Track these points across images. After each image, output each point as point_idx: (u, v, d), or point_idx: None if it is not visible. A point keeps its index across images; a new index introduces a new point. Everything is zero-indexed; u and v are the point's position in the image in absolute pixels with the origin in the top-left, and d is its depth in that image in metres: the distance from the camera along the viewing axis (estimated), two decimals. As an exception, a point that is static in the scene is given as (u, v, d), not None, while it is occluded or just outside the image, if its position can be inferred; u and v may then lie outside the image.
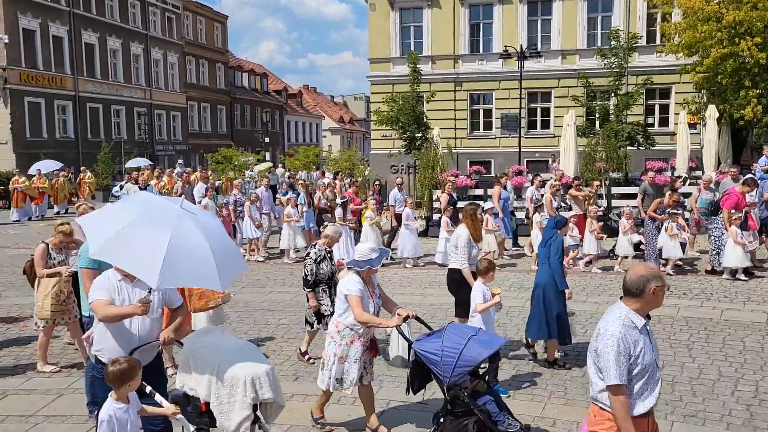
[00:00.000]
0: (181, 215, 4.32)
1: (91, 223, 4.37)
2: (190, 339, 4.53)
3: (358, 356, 5.38)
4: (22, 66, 33.82)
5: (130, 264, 4.11)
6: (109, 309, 4.28)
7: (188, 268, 4.14)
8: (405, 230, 13.69)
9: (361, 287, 5.33)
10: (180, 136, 48.74)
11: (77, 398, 6.35)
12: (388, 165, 27.61)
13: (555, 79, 28.96)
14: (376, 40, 30.53)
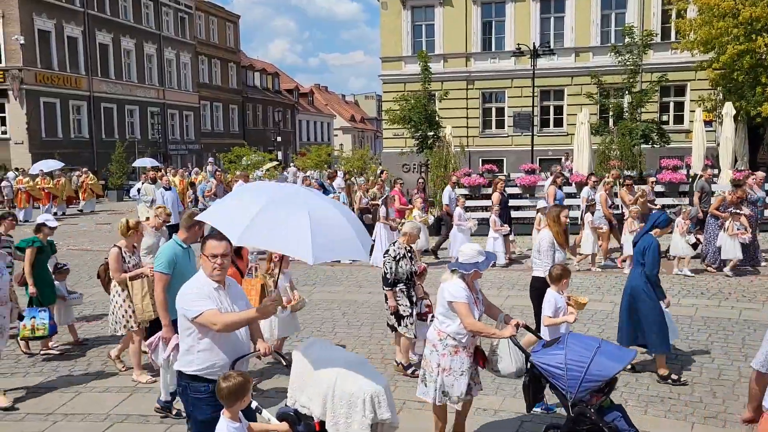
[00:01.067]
0: (306, 192, 4.25)
1: (217, 218, 4.13)
2: (299, 352, 4.20)
3: (464, 368, 4.96)
4: (37, 66, 34.13)
5: (282, 244, 3.93)
6: (228, 317, 3.88)
7: (335, 240, 4.00)
8: (456, 230, 13.20)
9: (467, 293, 4.90)
10: (193, 136, 48.99)
11: (94, 396, 6.40)
12: (399, 164, 27.59)
13: (568, 77, 28.78)
14: (387, 39, 30.50)
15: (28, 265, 7.57)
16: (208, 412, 3.83)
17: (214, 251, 3.93)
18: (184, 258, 5.67)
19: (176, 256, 5.61)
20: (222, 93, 53.33)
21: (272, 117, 59.51)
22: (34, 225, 8.17)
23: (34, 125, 33.84)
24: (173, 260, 5.56)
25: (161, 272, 5.51)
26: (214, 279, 3.96)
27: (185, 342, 3.94)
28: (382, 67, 30.93)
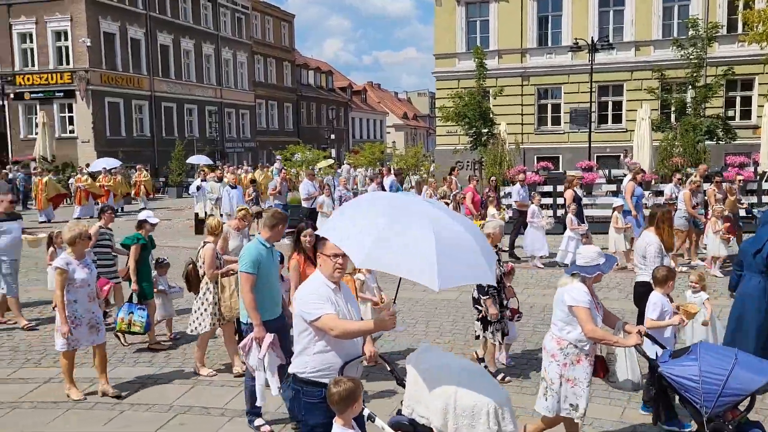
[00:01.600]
0: (428, 207, 3.96)
1: (338, 235, 3.83)
2: (414, 360, 3.97)
3: (589, 377, 4.70)
4: (102, 68, 35.43)
5: (406, 270, 3.59)
6: (347, 325, 3.79)
7: (461, 263, 3.72)
8: (531, 228, 12.78)
9: (589, 298, 4.62)
10: (248, 134, 49.96)
11: (159, 388, 6.61)
12: (452, 161, 27.40)
13: (627, 72, 28.03)
14: (441, 36, 30.34)
15: (132, 261, 7.76)
16: (320, 418, 3.78)
17: (336, 250, 3.81)
18: (268, 257, 5.59)
19: (260, 256, 5.51)
20: (277, 91, 54.18)
21: (326, 115, 60.12)
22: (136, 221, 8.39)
23: (99, 124, 35.16)
24: (258, 260, 5.47)
25: (247, 272, 5.43)
26: (333, 279, 3.89)
27: (300, 343, 3.89)
28: (436, 64, 30.79)
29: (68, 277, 6.10)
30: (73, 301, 6.15)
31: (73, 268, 6.15)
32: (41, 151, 27.79)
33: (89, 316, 6.27)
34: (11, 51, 35.45)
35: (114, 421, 5.84)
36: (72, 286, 6.14)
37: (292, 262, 6.25)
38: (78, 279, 6.15)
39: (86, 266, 6.31)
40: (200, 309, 6.81)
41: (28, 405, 6.23)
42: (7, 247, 8.82)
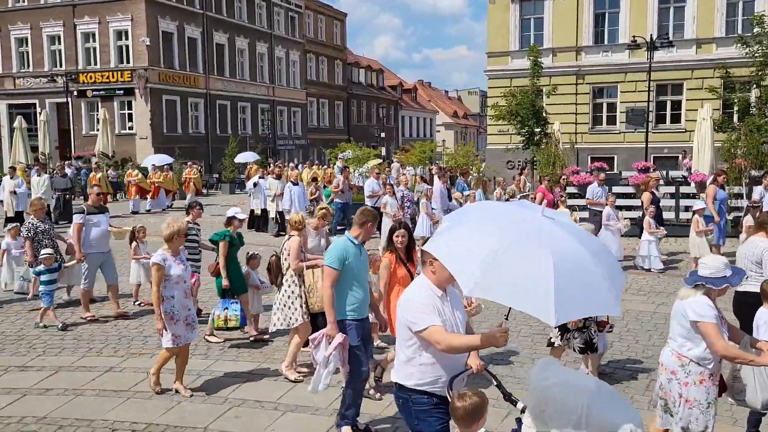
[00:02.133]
0: (548, 226, 3.47)
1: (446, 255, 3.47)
2: (535, 375, 3.66)
3: (711, 398, 4.34)
4: (161, 66, 36.42)
5: (521, 299, 3.25)
6: (455, 339, 3.58)
7: (583, 293, 3.29)
8: (606, 231, 12.13)
9: (715, 312, 4.24)
10: (300, 131, 50.56)
11: (214, 381, 6.75)
12: (504, 160, 27.11)
13: (688, 70, 27.18)
14: (494, 34, 30.04)
15: (222, 258, 7.81)
16: (436, 425, 3.65)
17: None
18: (356, 255, 5.41)
19: (347, 253, 5.34)
20: (328, 89, 54.65)
21: (376, 113, 60.32)
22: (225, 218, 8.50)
23: (156, 121, 36.16)
24: (344, 257, 5.31)
25: (331, 267, 5.30)
26: (441, 287, 3.69)
27: (405, 353, 3.70)
28: (488, 63, 30.50)
29: (165, 273, 6.13)
30: (170, 297, 6.18)
31: (169, 264, 6.18)
32: (102, 147, 28.75)
33: (185, 312, 6.28)
34: (75, 50, 36.80)
35: (171, 411, 5.99)
36: (168, 282, 6.16)
37: (384, 261, 6.21)
38: (174, 275, 6.18)
39: (181, 262, 6.35)
40: (288, 302, 6.74)
41: (91, 392, 6.45)
42: (97, 240, 8.99)
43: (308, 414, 5.92)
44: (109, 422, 5.78)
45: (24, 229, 9.64)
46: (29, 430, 5.65)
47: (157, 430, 5.63)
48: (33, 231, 9.46)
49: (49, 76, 35.42)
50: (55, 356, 7.58)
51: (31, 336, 8.38)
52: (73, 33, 36.78)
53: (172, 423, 5.74)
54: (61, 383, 6.69)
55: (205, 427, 5.65)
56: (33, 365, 7.27)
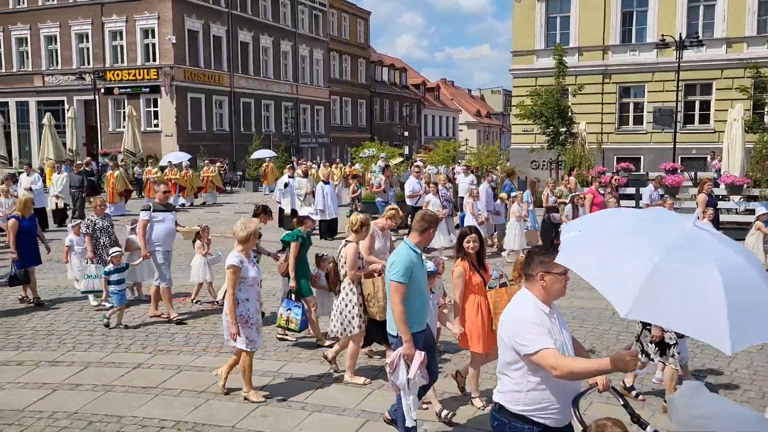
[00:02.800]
0: (706, 238, 3.06)
1: (588, 269, 3.06)
2: (680, 402, 3.21)
3: None
4: (186, 64, 36.73)
5: (687, 326, 2.90)
6: (575, 364, 3.17)
7: (756, 315, 2.86)
8: None
9: None
10: (323, 129, 50.69)
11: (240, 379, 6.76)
12: (528, 160, 26.90)
13: (717, 70, 26.70)
14: (520, 32, 29.79)
15: (292, 258, 7.62)
16: None
17: (563, 267, 3.25)
18: (418, 264, 5.12)
19: (412, 263, 4.99)
20: (351, 88, 54.70)
21: (399, 111, 60.27)
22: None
23: (181, 119, 36.48)
24: (410, 267, 4.96)
25: (398, 282, 4.91)
26: (548, 302, 3.36)
27: (510, 376, 3.37)
28: (513, 62, 30.27)
29: (241, 276, 5.97)
30: (245, 300, 6.03)
31: (246, 266, 6.03)
32: (128, 144, 29.07)
33: (257, 316, 6.17)
34: (103, 48, 37.28)
35: (199, 409, 6.01)
36: (244, 284, 6.01)
37: (457, 269, 5.88)
38: (250, 277, 6.04)
39: (255, 265, 6.23)
40: (345, 310, 6.59)
41: (120, 389, 6.50)
42: (163, 238, 8.82)
43: (335, 414, 5.90)
44: (138, 419, 5.82)
45: (83, 226, 9.65)
46: (60, 425, 5.70)
47: (185, 427, 5.65)
48: (92, 227, 9.51)
49: (77, 73, 35.92)
50: (84, 352, 7.67)
51: (60, 331, 8.48)
52: (100, 31, 37.26)
53: (200, 421, 5.76)
54: (90, 379, 6.76)
55: (232, 426, 5.67)
56: (63, 360, 7.36)
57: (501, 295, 5.80)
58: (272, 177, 29.41)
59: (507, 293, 5.74)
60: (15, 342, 8.06)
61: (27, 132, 39.94)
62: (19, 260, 9.49)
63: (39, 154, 29.17)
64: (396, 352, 4.97)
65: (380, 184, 16.80)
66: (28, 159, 36.68)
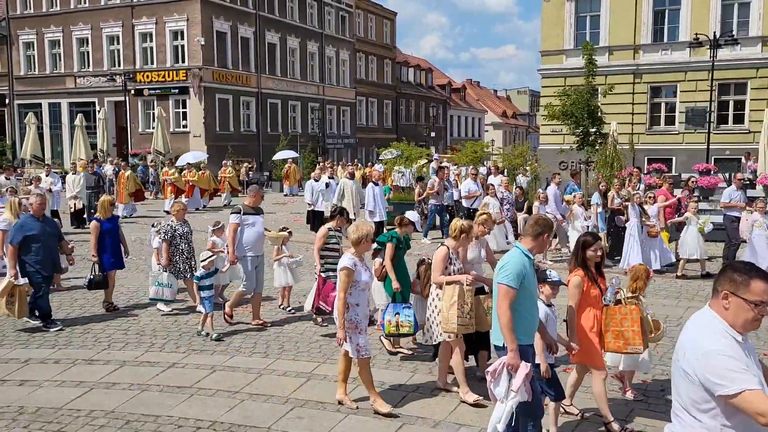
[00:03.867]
0: None
1: None
2: None
3: None
4: (214, 65, 37.07)
5: None
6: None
7: None
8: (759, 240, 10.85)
9: None
10: (348, 130, 50.78)
11: (274, 379, 6.75)
12: (556, 161, 26.59)
13: (753, 69, 26.13)
14: (548, 32, 29.49)
15: (388, 259, 7.32)
16: None
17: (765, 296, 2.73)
18: (531, 271, 4.83)
19: (524, 269, 4.72)
20: (377, 89, 54.73)
21: (424, 112, 60.16)
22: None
23: (209, 119, 36.82)
24: (522, 273, 4.69)
25: (509, 286, 4.66)
26: (737, 329, 2.78)
27: (697, 418, 2.80)
28: (542, 61, 29.97)
29: (354, 279, 5.74)
30: (355, 304, 5.78)
31: (359, 269, 5.79)
32: (157, 145, 29.43)
33: (366, 322, 5.92)
34: (133, 50, 37.80)
35: (234, 410, 6.00)
36: (355, 288, 5.78)
37: (574, 279, 5.50)
38: (362, 281, 5.81)
39: (367, 269, 5.99)
40: (430, 317, 6.37)
41: (156, 388, 6.53)
42: (253, 242, 8.44)
43: (371, 416, 5.85)
44: (174, 418, 5.83)
45: (162, 231, 9.19)
46: (98, 423, 5.74)
47: (221, 428, 5.64)
48: (171, 233, 9.14)
49: (108, 75, 36.46)
50: (119, 350, 7.73)
51: (96, 330, 8.57)
52: (131, 33, 37.78)
53: (235, 422, 5.75)
54: (126, 378, 6.81)
55: (268, 427, 5.65)
56: (99, 359, 7.42)
57: (614, 312, 5.51)
58: (294, 178, 29.45)
59: (620, 312, 5.50)
60: (51, 340, 8.16)
61: (59, 133, 40.68)
62: (98, 263, 9.23)
63: (71, 155, 29.65)
64: (500, 360, 4.74)
65: (434, 185, 16.01)
66: (60, 159, 37.37)
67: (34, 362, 7.32)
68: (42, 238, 8.44)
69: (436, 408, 6.00)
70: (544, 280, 5.41)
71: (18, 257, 8.36)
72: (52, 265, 8.70)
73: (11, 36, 41.11)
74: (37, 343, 8.07)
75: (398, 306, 6.99)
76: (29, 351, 7.73)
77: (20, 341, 8.12)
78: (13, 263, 8.32)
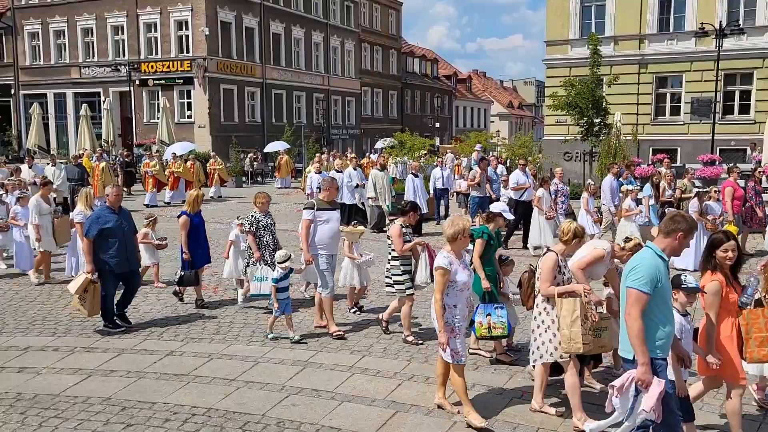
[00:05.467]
0: None
1: None
2: None
3: None
4: (219, 56, 37.04)
5: None
6: None
7: None
8: None
9: None
10: (353, 121, 50.71)
11: (271, 367, 6.80)
12: (561, 152, 26.50)
13: (759, 59, 25.98)
14: (554, 22, 29.35)
15: (476, 256, 6.81)
16: None
17: None
18: (665, 274, 4.25)
19: (659, 272, 4.16)
20: (382, 79, 54.59)
21: (430, 103, 59.98)
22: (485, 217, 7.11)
23: (214, 110, 36.84)
24: (656, 277, 4.13)
25: (641, 291, 4.10)
26: None
27: None
28: (547, 51, 29.84)
29: (450, 279, 5.32)
30: (452, 306, 5.37)
31: (455, 268, 5.36)
32: (162, 136, 29.45)
33: (464, 324, 5.52)
34: (138, 40, 37.80)
35: (229, 397, 6.05)
36: (452, 288, 5.36)
37: (712, 285, 4.85)
38: (459, 281, 5.36)
39: (466, 267, 5.55)
40: (535, 333, 5.66)
41: (153, 375, 6.58)
42: (327, 240, 7.68)
43: (365, 405, 5.88)
44: (170, 405, 5.88)
45: (247, 223, 8.78)
46: (94, 410, 5.79)
47: (216, 415, 5.69)
48: (255, 224, 8.68)
49: (112, 65, 36.48)
50: (118, 338, 7.79)
51: (96, 318, 8.61)
52: (135, 23, 37.77)
53: (230, 408, 5.79)
54: (124, 365, 6.86)
55: (263, 414, 5.68)
56: (98, 347, 7.48)
57: (756, 316, 4.93)
58: (286, 170, 28.92)
59: (763, 315, 4.94)
60: (51, 328, 8.23)
61: (64, 123, 40.80)
62: (188, 260, 8.85)
63: (76, 146, 29.72)
64: (627, 374, 4.22)
65: (475, 177, 15.27)
66: (65, 150, 37.47)
67: (33, 349, 7.38)
68: (118, 232, 7.95)
69: (430, 396, 6.02)
70: (679, 285, 4.74)
71: (94, 252, 7.91)
72: (126, 261, 8.10)
73: (16, 26, 41.19)
74: (36, 330, 8.14)
75: (489, 306, 6.43)
76: (29, 338, 7.80)
77: (20, 329, 8.19)
78: (90, 258, 7.88)
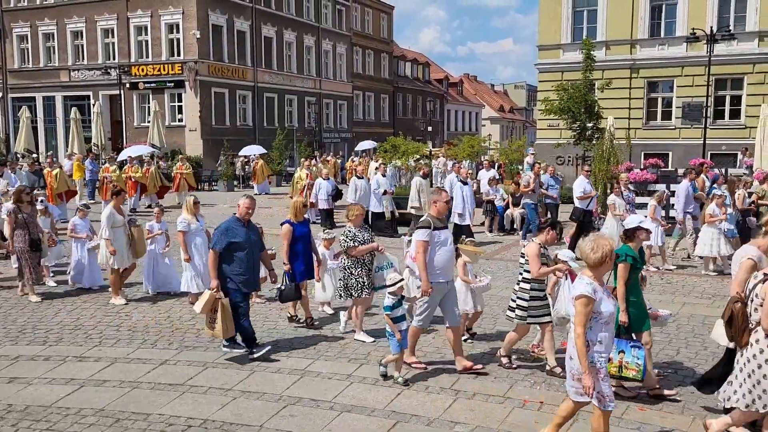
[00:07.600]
0: None
1: None
2: None
3: None
4: (210, 59, 36.86)
5: None
6: None
7: None
8: None
9: None
10: (345, 124, 50.62)
11: (269, 376, 6.69)
12: (553, 156, 26.53)
13: (749, 64, 26.09)
14: (546, 26, 29.39)
15: (621, 283, 5.88)
16: None
17: None
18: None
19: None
20: (374, 83, 54.56)
21: (421, 106, 60.00)
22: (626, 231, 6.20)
23: (205, 114, 36.63)
24: None
25: None
26: None
27: None
28: (539, 56, 29.88)
29: (593, 310, 4.60)
30: (596, 341, 4.63)
31: (600, 296, 4.61)
32: (153, 139, 29.24)
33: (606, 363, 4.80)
34: (128, 43, 37.53)
35: (226, 408, 5.93)
36: (596, 321, 4.62)
37: None
38: (605, 312, 4.63)
39: (609, 296, 4.86)
40: (752, 377, 4.77)
41: (147, 385, 6.45)
42: (444, 264, 6.62)
43: (365, 415, 5.79)
44: (165, 416, 5.76)
45: (342, 237, 7.71)
46: (87, 422, 5.66)
47: (212, 426, 5.58)
48: (353, 240, 7.58)
49: (102, 68, 36.21)
50: (111, 347, 7.65)
51: (87, 326, 8.49)
52: (126, 26, 37.51)
53: (227, 420, 5.68)
54: (117, 375, 6.73)
55: (261, 425, 5.58)
56: (90, 356, 7.34)
57: None
58: (262, 176, 27.90)
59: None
60: (42, 336, 8.08)
61: (54, 127, 40.46)
62: (290, 272, 8.05)
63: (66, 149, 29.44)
64: None
65: (528, 182, 14.75)
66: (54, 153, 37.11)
67: (24, 359, 7.24)
68: (246, 247, 7.15)
69: (431, 406, 5.94)
70: None
71: (219, 267, 7.13)
72: (254, 280, 7.41)
73: (5, 29, 40.82)
74: (27, 339, 7.98)
75: (623, 342, 5.58)
76: (19, 348, 7.65)
77: (10, 338, 8.03)
78: (215, 273, 7.10)
